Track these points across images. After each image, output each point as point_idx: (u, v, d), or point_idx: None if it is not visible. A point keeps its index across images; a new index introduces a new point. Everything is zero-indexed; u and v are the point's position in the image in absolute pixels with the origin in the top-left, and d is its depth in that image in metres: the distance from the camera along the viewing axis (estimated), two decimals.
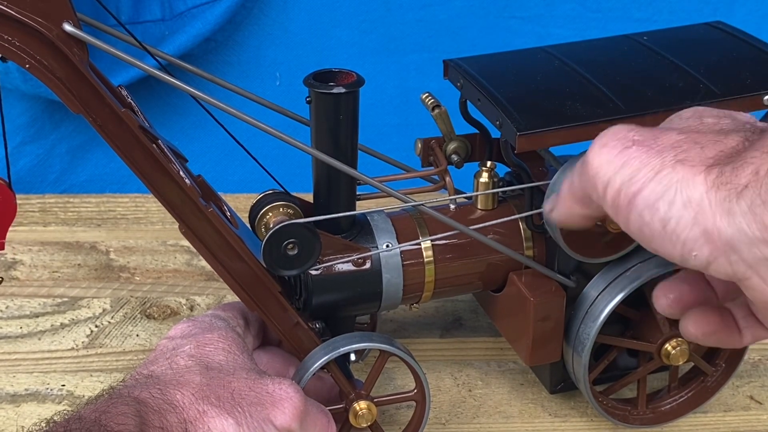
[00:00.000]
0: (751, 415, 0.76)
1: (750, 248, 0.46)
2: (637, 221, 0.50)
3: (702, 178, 0.47)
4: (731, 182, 0.46)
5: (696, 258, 0.48)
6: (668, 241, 0.48)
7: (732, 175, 0.46)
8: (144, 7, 1.04)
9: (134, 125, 0.60)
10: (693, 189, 0.47)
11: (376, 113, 1.05)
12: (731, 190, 0.46)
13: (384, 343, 0.67)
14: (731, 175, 0.47)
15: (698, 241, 0.47)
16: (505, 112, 0.65)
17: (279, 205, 0.69)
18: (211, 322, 0.66)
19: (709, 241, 0.47)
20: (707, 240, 0.47)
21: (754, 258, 0.46)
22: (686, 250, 0.48)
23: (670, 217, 0.48)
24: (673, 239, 0.48)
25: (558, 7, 1.09)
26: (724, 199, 0.46)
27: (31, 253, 0.93)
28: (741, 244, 0.46)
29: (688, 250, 0.48)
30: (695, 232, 0.47)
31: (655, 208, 0.48)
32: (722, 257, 0.47)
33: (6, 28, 0.55)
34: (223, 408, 0.58)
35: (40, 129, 1.09)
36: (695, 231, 0.47)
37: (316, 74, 0.66)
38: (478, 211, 0.73)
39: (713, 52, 0.72)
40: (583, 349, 0.70)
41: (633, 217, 0.50)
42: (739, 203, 0.46)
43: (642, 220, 0.49)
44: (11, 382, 0.78)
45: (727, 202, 0.46)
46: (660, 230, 0.49)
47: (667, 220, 0.48)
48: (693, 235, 0.47)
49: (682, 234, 0.48)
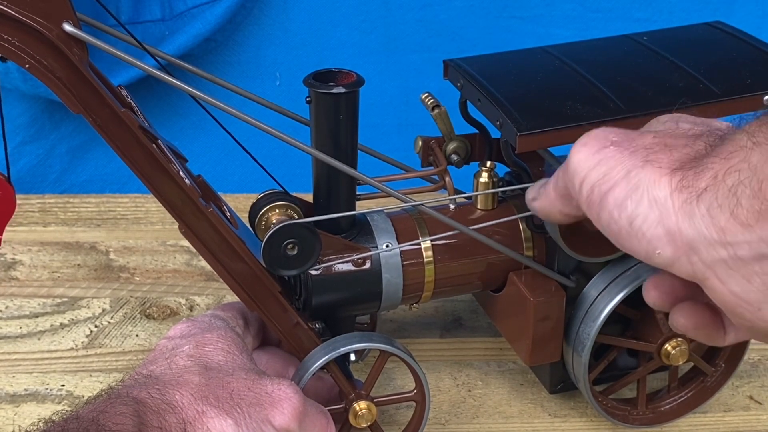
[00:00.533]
0: (751, 415, 0.76)
1: (708, 249, 0.47)
2: (607, 218, 0.52)
3: (667, 179, 0.49)
4: (692, 185, 0.48)
5: (659, 256, 0.49)
6: (634, 239, 0.50)
7: (694, 179, 0.48)
8: (144, 7, 1.04)
9: (134, 125, 0.60)
10: (658, 189, 0.49)
11: (376, 113, 1.05)
12: (692, 193, 0.48)
13: (384, 343, 0.67)
14: (693, 179, 0.48)
15: (662, 240, 0.49)
16: (506, 112, 0.65)
17: (279, 205, 0.69)
18: (210, 322, 0.66)
19: (671, 241, 0.49)
20: (670, 240, 0.49)
21: (712, 259, 0.47)
22: (651, 248, 0.50)
23: (636, 214, 0.50)
24: (638, 236, 0.50)
25: (558, 7, 1.09)
26: (685, 201, 0.48)
27: (30, 253, 0.93)
28: (700, 245, 0.48)
29: (653, 248, 0.49)
30: (659, 231, 0.49)
31: (623, 206, 0.50)
32: (684, 257, 0.49)
33: (6, 28, 0.55)
34: (222, 408, 0.58)
35: (40, 129, 1.09)
36: (659, 230, 0.49)
37: (316, 74, 0.66)
38: (478, 211, 0.73)
39: (713, 52, 0.72)
40: (583, 349, 0.70)
41: (603, 214, 0.52)
42: (699, 206, 0.47)
43: (611, 217, 0.51)
44: (11, 382, 0.78)
45: (688, 204, 0.48)
46: (627, 227, 0.50)
47: (634, 217, 0.50)
48: (657, 234, 0.49)
49: (648, 232, 0.49)
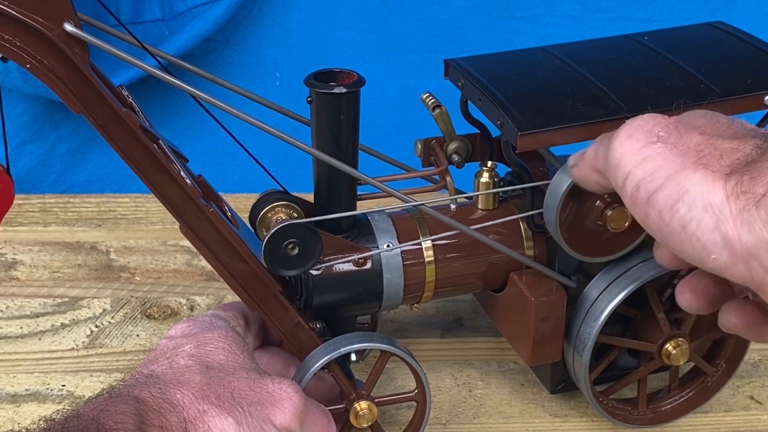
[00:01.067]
0: (752, 415, 0.76)
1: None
2: (656, 219, 0.51)
3: (722, 185, 0.48)
4: (749, 191, 0.48)
5: (714, 261, 0.49)
6: (687, 243, 0.49)
7: (750, 185, 0.48)
8: (144, 7, 1.04)
9: (135, 125, 0.60)
10: (713, 195, 0.48)
11: (376, 113, 1.05)
12: (750, 199, 0.47)
13: (385, 343, 0.67)
14: (749, 185, 0.48)
15: (717, 245, 0.48)
16: (507, 111, 0.65)
17: (280, 204, 0.69)
18: (211, 322, 0.66)
19: (728, 247, 0.48)
20: (726, 246, 0.48)
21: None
22: (705, 254, 0.49)
23: (690, 218, 0.49)
24: (693, 241, 0.49)
25: (558, 7, 1.09)
26: (743, 207, 0.47)
27: (31, 253, 0.93)
28: (761, 252, 0.47)
29: (707, 253, 0.49)
30: (715, 236, 0.48)
31: (675, 209, 0.49)
32: (741, 263, 0.48)
33: (7, 28, 0.55)
34: (223, 407, 0.58)
35: (40, 129, 1.09)
36: (715, 236, 0.48)
37: (316, 74, 0.66)
38: (479, 211, 0.73)
39: (713, 52, 0.72)
40: (583, 349, 0.70)
41: (652, 214, 0.51)
42: (759, 212, 0.47)
43: (661, 219, 0.50)
44: (11, 382, 0.78)
45: (747, 211, 0.47)
46: (679, 231, 0.49)
47: (687, 221, 0.49)
48: (713, 239, 0.48)
49: (702, 237, 0.49)
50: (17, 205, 1.00)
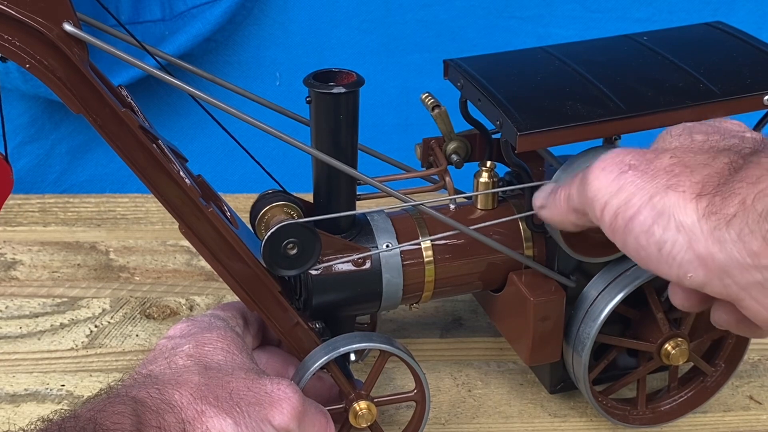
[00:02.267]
0: (751, 415, 0.76)
1: (742, 273, 0.48)
2: (634, 244, 0.52)
3: (693, 205, 0.50)
4: (720, 211, 0.49)
5: (691, 279, 0.50)
6: (664, 264, 0.51)
7: (721, 205, 0.49)
8: (144, 7, 1.04)
9: (134, 125, 0.60)
10: (685, 215, 0.50)
11: (376, 113, 1.05)
12: (720, 219, 0.49)
13: (384, 343, 0.68)
14: (721, 205, 0.49)
15: (693, 263, 0.50)
16: (506, 112, 0.65)
17: (279, 204, 0.69)
18: (210, 322, 0.66)
19: (703, 265, 0.50)
20: (701, 264, 0.50)
21: (746, 282, 0.48)
22: (682, 272, 0.51)
23: (665, 240, 0.51)
24: (669, 261, 0.51)
25: (558, 7, 1.09)
26: (714, 227, 0.49)
27: (31, 253, 0.93)
28: (733, 269, 0.49)
29: (684, 272, 0.50)
30: (689, 255, 0.50)
31: (650, 232, 0.51)
32: (716, 280, 0.49)
33: (6, 28, 0.55)
34: (222, 408, 0.58)
35: (40, 129, 1.09)
36: (689, 254, 0.50)
37: (316, 74, 0.66)
38: (478, 211, 0.73)
39: (713, 52, 0.72)
40: (583, 349, 0.70)
41: (630, 240, 0.53)
42: (729, 231, 0.48)
43: (638, 244, 0.52)
44: (11, 382, 0.78)
45: (718, 231, 0.49)
46: (656, 253, 0.51)
47: (662, 243, 0.51)
48: (688, 258, 0.50)
49: (677, 257, 0.50)
50: (17, 205, 1.00)
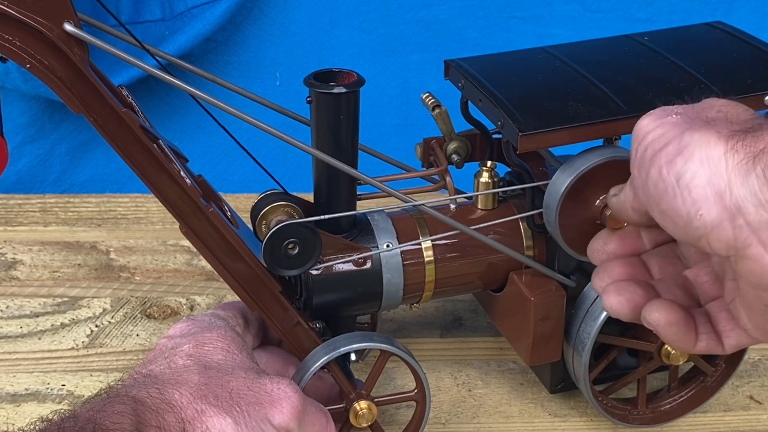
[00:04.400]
0: (751, 414, 0.76)
1: (758, 210, 0.47)
2: (655, 176, 0.51)
3: (724, 141, 0.49)
4: (750, 147, 0.48)
5: (700, 219, 0.49)
6: (678, 198, 0.49)
7: (752, 142, 0.48)
8: (144, 7, 1.04)
9: (135, 125, 0.60)
10: (712, 149, 0.49)
11: (376, 113, 1.05)
12: (749, 154, 0.48)
13: (384, 342, 0.68)
14: (751, 142, 0.48)
15: (708, 200, 0.48)
16: (507, 112, 0.65)
17: (280, 204, 0.69)
18: (210, 322, 0.66)
19: (719, 201, 0.48)
20: (718, 200, 0.48)
21: (759, 221, 0.47)
22: (694, 209, 0.49)
23: (685, 170, 0.49)
24: (684, 195, 0.49)
25: (558, 8, 1.09)
26: (740, 161, 0.48)
27: (31, 253, 0.93)
28: (749, 205, 0.47)
29: (696, 209, 0.49)
30: (707, 190, 0.48)
31: (673, 163, 0.50)
32: (727, 220, 0.48)
33: (6, 28, 0.55)
34: (222, 407, 0.58)
35: (40, 129, 1.09)
36: (708, 190, 0.48)
37: (316, 74, 0.66)
38: (479, 210, 0.73)
39: (713, 52, 0.72)
40: (583, 349, 0.70)
41: (653, 171, 0.51)
42: (755, 166, 0.47)
43: (659, 175, 0.51)
44: (11, 381, 0.78)
45: (744, 164, 0.48)
46: (673, 185, 0.50)
47: (682, 173, 0.49)
48: (704, 194, 0.48)
49: (694, 190, 0.49)
50: (18, 205, 1.00)
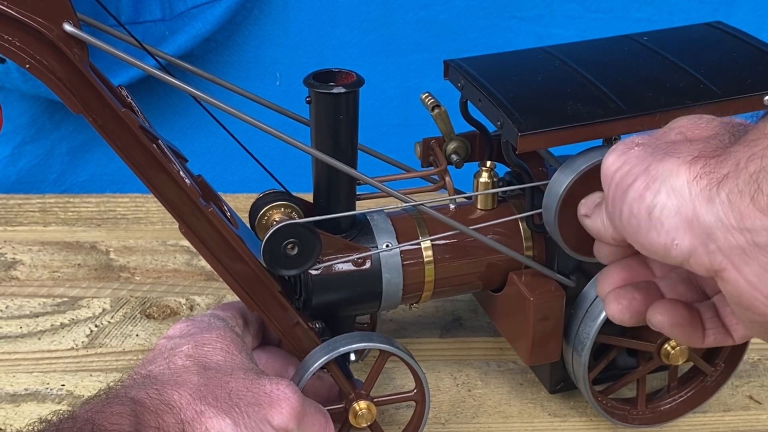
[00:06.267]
0: (751, 414, 0.76)
1: (726, 235, 0.47)
2: (627, 213, 0.52)
3: (686, 168, 0.49)
4: (714, 172, 0.48)
5: (677, 248, 0.49)
6: (653, 231, 0.50)
7: (715, 166, 0.48)
8: (144, 7, 1.04)
9: (134, 125, 0.60)
10: (676, 178, 0.49)
11: (376, 113, 1.05)
12: (712, 180, 0.48)
13: (384, 342, 0.68)
14: (715, 166, 0.48)
15: (679, 229, 0.49)
16: (507, 112, 0.65)
17: (279, 204, 0.69)
18: (209, 322, 0.66)
19: (689, 229, 0.49)
20: (688, 228, 0.49)
21: (729, 246, 0.47)
22: (669, 240, 0.50)
23: (654, 204, 0.50)
24: (657, 227, 0.50)
25: (558, 8, 1.09)
26: (704, 187, 0.48)
27: (31, 253, 0.93)
28: (718, 232, 0.47)
29: (671, 239, 0.49)
30: (677, 220, 0.49)
31: (642, 198, 0.51)
32: (701, 247, 0.48)
33: (6, 28, 0.55)
34: (221, 408, 0.58)
35: (40, 129, 1.09)
36: (677, 219, 0.49)
37: (316, 74, 0.66)
38: (478, 211, 0.73)
39: (713, 52, 0.72)
40: (582, 349, 0.70)
41: (625, 209, 0.52)
42: (719, 192, 0.47)
43: (631, 212, 0.51)
44: (11, 381, 0.78)
45: (708, 191, 0.48)
46: (646, 219, 0.50)
47: (652, 207, 0.50)
48: (675, 223, 0.49)
49: (666, 222, 0.49)
50: (17, 205, 1.00)
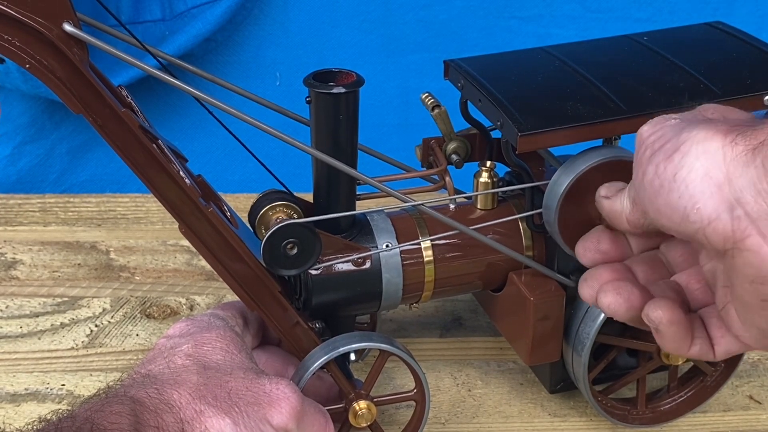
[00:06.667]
0: (751, 414, 0.76)
1: (757, 200, 0.47)
2: (652, 173, 0.51)
3: (721, 135, 0.49)
4: (749, 140, 0.48)
5: (698, 212, 0.48)
6: (675, 193, 0.49)
7: (751, 135, 0.48)
8: (144, 7, 1.04)
9: (134, 125, 0.60)
10: (711, 143, 0.49)
11: (376, 113, 1.05)
12: (748, 146, 0.48)
13: (384, 342, 0.68)
14: (750, 135, 0.48)
15: (705, 193, 0.48)
16: (507, 112, 0.65)
17: (279, 204, 0.69)
18: (209, 321, 0.66)
19: (717, 193, 0.48)
20: (716, 191, 0.48)
21: (759, 211, 0.47)
22: (691, 203, 0.49)
23: (682, 165, 0.49)
24: (681, 189, 0.49)
25: (558, 8, 1.09)
26: (739, 153, 0.48)
27: (31, 253, 0.93)
28: (748, 196, 0.47)
29: (693, 203, 0.49)
30: (705, 184, 0.48)
31: (670, 159, 0.50)
32: (725, 212, 0.48)
33: (6, 28, 0.55)
34: (220, 408, 0.58)
35: (40, 129, 1.09)
36: (705, 183, 0.48)
37: (316, 74, 0.66)
38: (478, 210, 0.73)
39: (713, 52, 0.72)
40: (582, 349, 0.70)
41: (650, 169, 0.51)
42: (755, 158, 0.47)
43: (656, 172, 0.51)
44: (11, 381, 0.78)
45: (743, 156, 0.47)
46: (669, 180, 0.50)
47: (679, 168, 0.49)
48: (701, 187, 0.48)
49: (691, 185, 0.49)
50: (17, 205, 1.00)
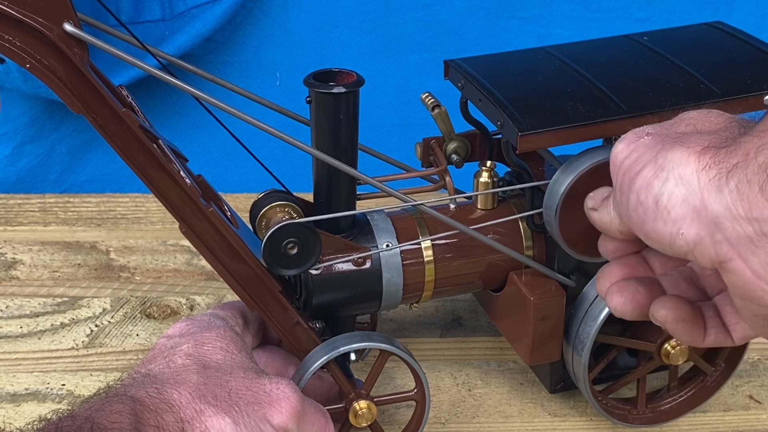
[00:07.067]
0: (751, 414, 0.76)
1: (733, 225, 0.47)
2: (634, 201, 0.52)
3: (695, 158, 0.49)
4: (723, 163, 0.48)
5: (683, 237, 0.49)
6: (660, 220, 0.50)
7: (725, 157, 0.48)
8: (144, 7, 1.04)
9: (135, 125, 0.60)
10: (685, 167, 0.49)
11: (376, 113, 1.05)
12: (722, 170, 0.48)
13: (384, 342, 0.68)
14: (724, 156, 0.48)
15: (686, 218, 0.49)
16: (507, 112, 0.65)
17: (279, 204, 0.69)
18: (209, 321, 0.66)
19: (697, 219, 0.49)
20: (695, 217, 0.49)
21: (737, 236, 0.47)
22: (675, 229, 0.49)
23: (662, 193, 0.50)
24: (664, 216, 0.50)
25: (558, 8, 1.09)
26: (713, 177, 0.48)
27: (31, 253, 0.93)
28: (725, 221, 0.47)
29: (677, 228, 0.49)
30: (684, 209, 0.49)
31: (650, 186, 0.51)
32: (707, 237, 0.48)
33: (6, 28, 0.55)
34: (220, 407, 0.58)
35: (40, 129, 1.09)
36: (684, 208, 0.49)
37: (316, 74, 0.66)
38: (478, 210, 0.73)
39: (713, 52, 0.72)
40: (583, 349, 0.70)
41: (632, 197, 0.52)
42: (728, 182, 0.47)
43: (638, 200, 0.51)
44: (11, 381, 0.78)
45: (717, 180, 0.48)
46: (653, 207, 0.50)
47: (659, 196, 0.50)
48: (682, 212, 0.49)
49: (672, 210, 0.49)
50: (17, 205, 1.00)
